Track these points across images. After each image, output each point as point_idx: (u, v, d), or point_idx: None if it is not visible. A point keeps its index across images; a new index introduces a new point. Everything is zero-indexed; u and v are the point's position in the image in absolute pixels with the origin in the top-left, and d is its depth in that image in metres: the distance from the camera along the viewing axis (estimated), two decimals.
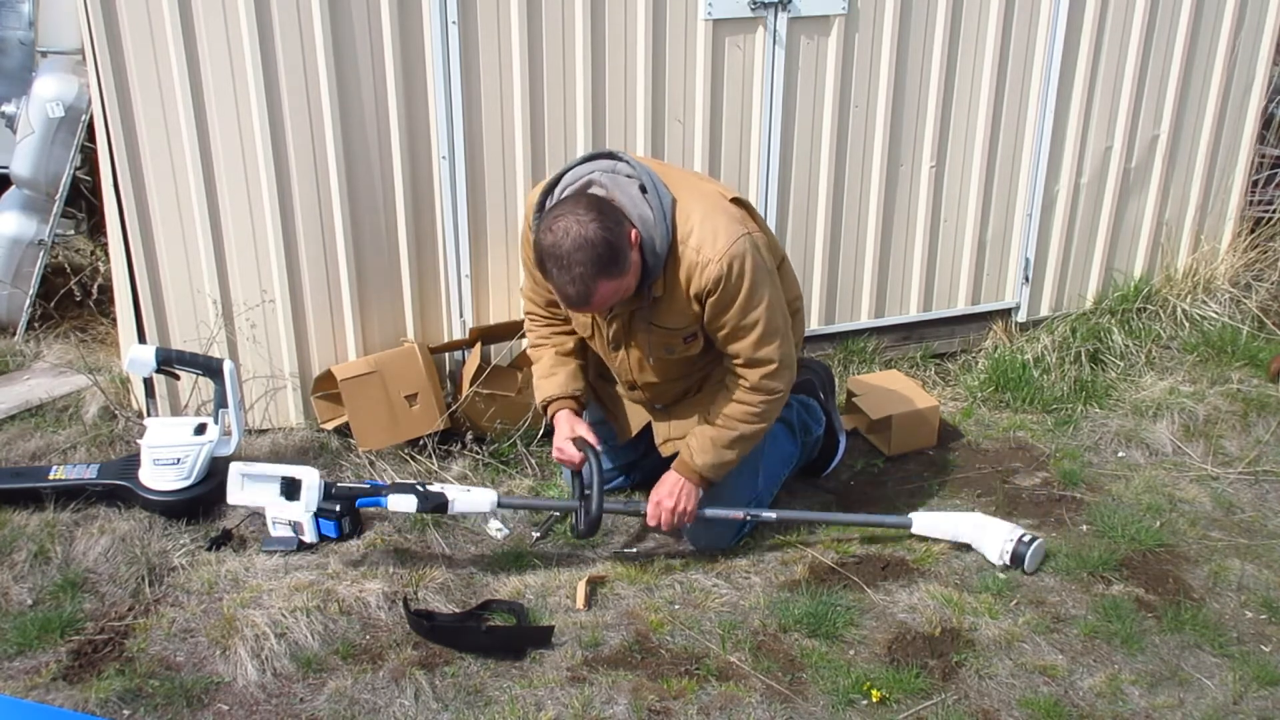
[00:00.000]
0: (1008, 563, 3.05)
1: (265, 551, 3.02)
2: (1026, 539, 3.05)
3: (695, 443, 2.94)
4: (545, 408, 3.09)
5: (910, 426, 3.65)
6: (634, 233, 2.66)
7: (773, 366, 2.84)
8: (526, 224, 2.90)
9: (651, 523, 3.00)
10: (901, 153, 3.87)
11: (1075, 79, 3.97)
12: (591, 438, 2.98)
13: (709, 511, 3.05)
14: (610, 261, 2.60)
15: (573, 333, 3.11)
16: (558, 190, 2.78)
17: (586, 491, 2.93)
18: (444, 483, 3.10)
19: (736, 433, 2.91)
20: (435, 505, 2.92)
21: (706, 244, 2.70)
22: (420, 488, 2.92)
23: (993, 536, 3.10)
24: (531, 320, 3.17)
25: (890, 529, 3.22)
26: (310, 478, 2.94)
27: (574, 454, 2.97)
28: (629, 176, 2.75)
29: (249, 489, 2.95)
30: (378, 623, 2.81)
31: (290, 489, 2.94)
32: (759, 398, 2.88)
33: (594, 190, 2.72)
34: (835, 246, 3.92)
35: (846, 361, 4.02)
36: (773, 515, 3.16)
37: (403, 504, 2.91)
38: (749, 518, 3.12)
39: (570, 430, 3.00)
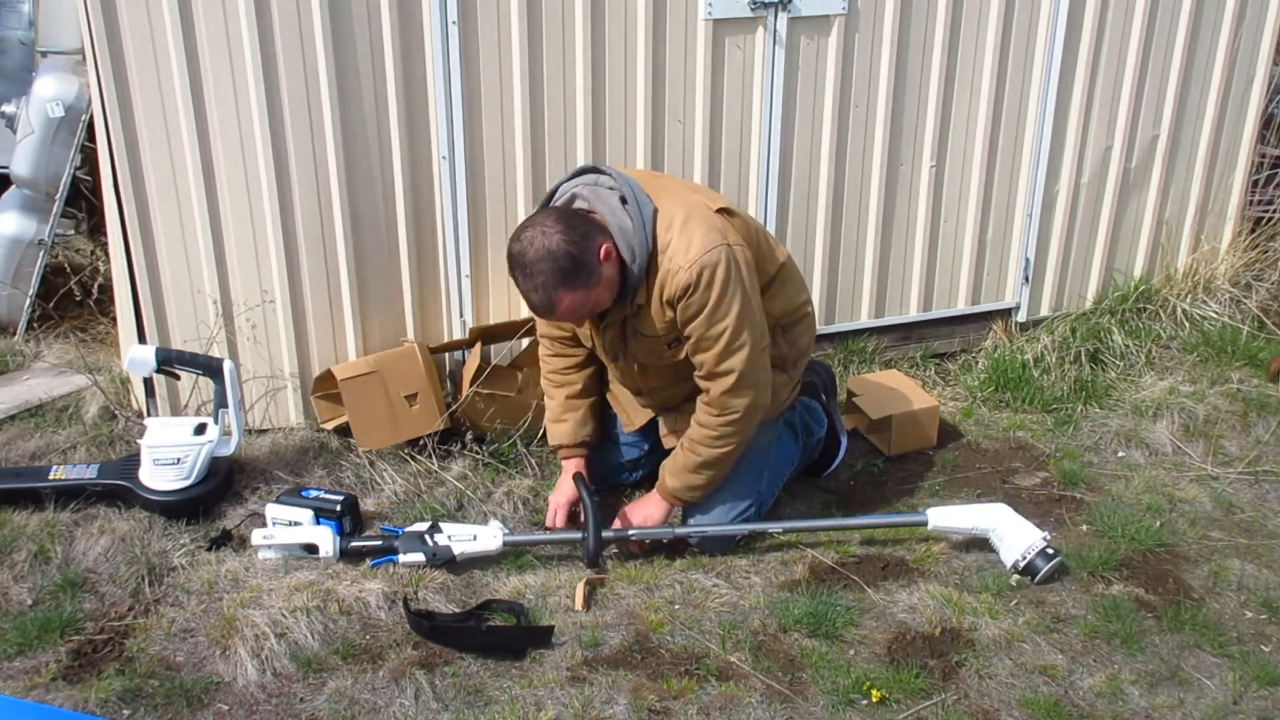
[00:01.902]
0: (1021, 569, 3.02)
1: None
2: (1049, 552, 3.00)
3: (669, 464, 3.00)
4: (554, 452, 3.23)
5: (910, 426, 3.65)
6: (605, 247, 2.70)
7: (731, 379, 2.83)
8: None
9: (635, 535, 3.05)
10: (901, 153, 3.87)
11: (1075, 79, 3.97)
12: (587, 494, 3.05)
13: (712, 530, 3.07)
14: (571, 273, 2.66)
15: (580, 366, 3.17)
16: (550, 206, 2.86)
17: (584, 533, 2.99)
18: (450, 521, 3.13)
19: (700, 458, 2.94)
20: (444, 560, 2.97)
21: (680, 252, 2.73)
22: (430, 540, 2.97)
23: (1016, 538, 3.04)
24: (544, 343, 3.23)
25: (904, 528, 3.20)
26: (326, 544, 2.98)
27: (560, 517, 3.11)
28: (610, 189, 2.80)
29: (273, 552, 3.01)
30: (378, 623, 2.81)
31: (309, 549, 3.00)
32: (717, 419, 2.89)
33: (577, 204, 2.79)
34: (835, 246, 3.92)
35: (846, 361, 4.03)
36: (779, 527, 3.16)
37: (413, 559, 2.96)
38: (751, 533, 3.13)
39: (569, 490, 3.12)
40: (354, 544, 3.01)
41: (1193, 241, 4.42)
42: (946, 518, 3.12)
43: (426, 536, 2.98)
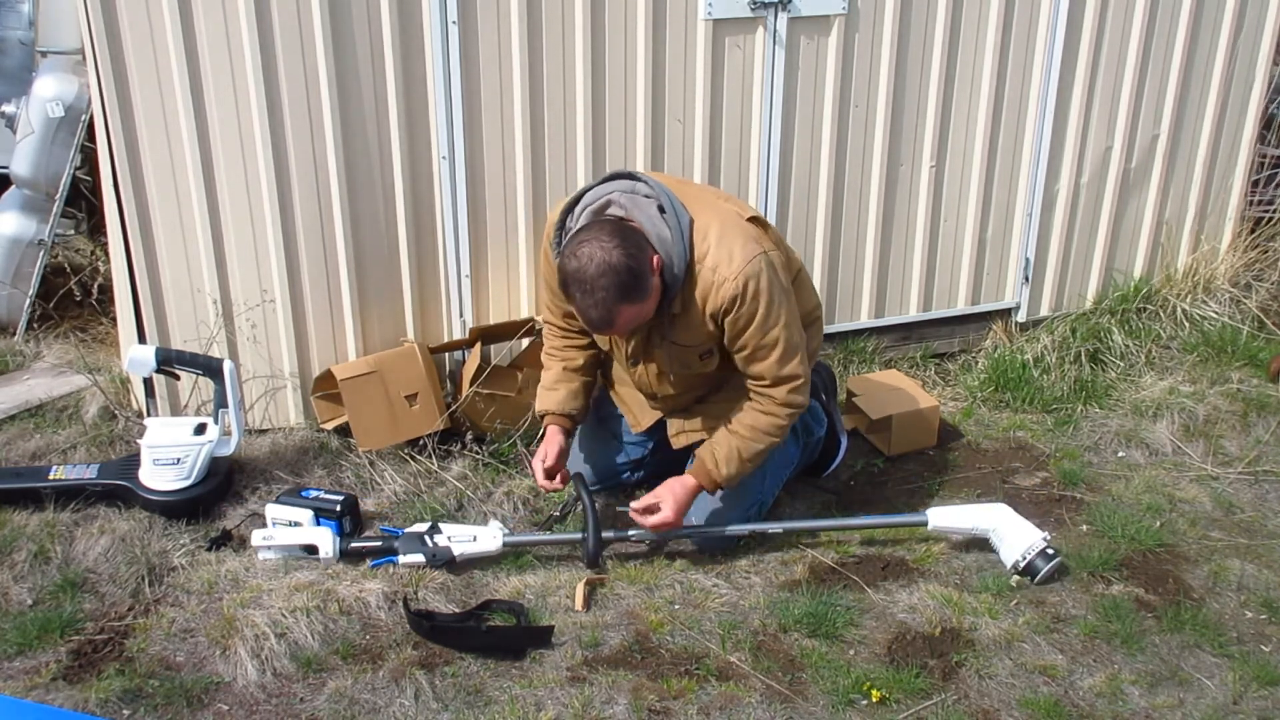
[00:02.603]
0: (1021, 569, 3.02)
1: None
2: (1049, 552, 3.00)
3: (721, 451, 2.92)
4: (541, 418, 3.18)
5: (910, 426, 3.65)
6: (656, 258, 2.70)
7: (799, 382, 2.87)
8: (547, 240, 2.95)
9: (651, 523, 2.95)
10: (901, 153, 3.87)
11: (1075, 79, 3.97)
12: (587, 494, 3.04)
13: (713, 530, 3.07)
14: (633, 287, 2.65)
15: (583, 347, 3.15)
16: (578, 210, 2.82)
17: (584, 533, 2.98)
18: (450, 521, 3.13)
19: (763, 445, 2.93)
20: (444, 561, 2.97)
21: (723, 263, 2.73)
22: (430, 541, 2.97)
23: (1016, 538, 3.04)
24: (548, 328, 3.21)
25: (904, 528, 3.20)
26: (326, 545, 2.98)
27: (547, 478, 3.06)
28: (648, 197, 2.78)
29: (273, 552, 3.01)
30: (378, 623, 2.81)
31: (309, 550, 3.00)
32: (786, 411, 2.91)
33: (613, 210, 2.76)
34: (835, 246, 3.92)
35: (846, 361, 4.02)
36: (779, 527, 3.16)
37: (413, 560, 2.96)
38: (753, 533, 3.14)
39: (555, 449, 3.07)
40: (354, 545, 3.01)
41: (1193, 241, 4.42)
42: (946, 518, 3.12)
43: (426, 537, 2.98)
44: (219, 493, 3.22)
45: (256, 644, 2.67)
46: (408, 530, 3.03)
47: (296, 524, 3.03)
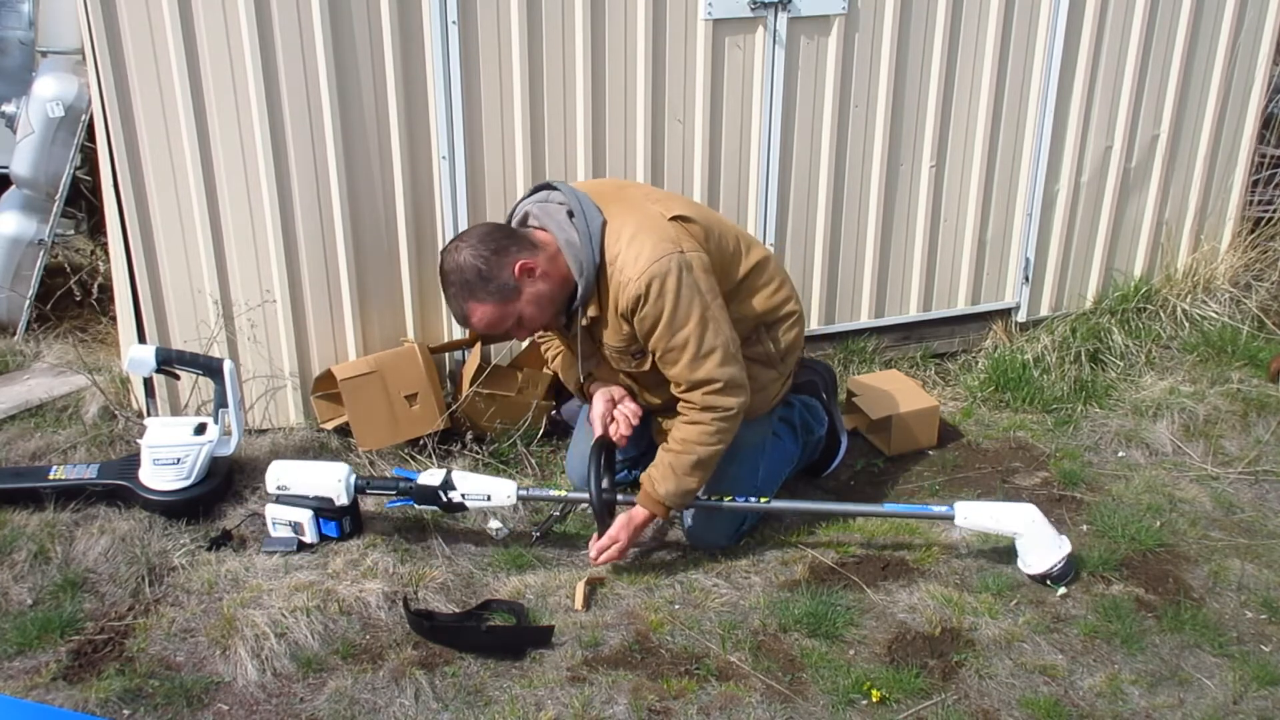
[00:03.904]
0: (1039, 575, 2.98)
1: (265, 552, 3.02)
2: (1073, 560, 2.99)
3: (656, 470, 2.92)
4: (582, 388, 3.16)
5: (910, 426, 3.65)
6: (521, 263, 2.73)
7: (716, 385, 2.82)
8: None
9: (605, 556, 2.94)
10: (901, 153, 3.87)
11: (1075, 79, 3.97)
12: (620, 420, 3.05)
13: (726, 505, 3.03)
14: (477, 286, 2.73)
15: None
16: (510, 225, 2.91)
17: (591, 491, 2.96)
18: (464, 471, 3.12)
19: (695, 456, 2.87)
20: (456, 508, 3.02)
21: (629, 264, 2.74)
22: (444, 496, 2.99)
23: (1043, 547, 2.99)
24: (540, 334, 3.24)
25: (927, 520, 3.18)
26: (339, 493, 3.01)
27: (601, 424, 3.04)
28: (560, 204, 2.83)
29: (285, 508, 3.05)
30: (378, 623, 2.81)
31: (322, 502, 3.03)
32: (710, 416, 2.85)
33: (530, 222, 2.86)
34: (835, 246, 3.92)
35: (846, 361, 4.03)
36: (810, 507, 3.17)
37: (427, 509, 3.02)
38: (763, 508, 3.09)
39: (607, 400, 3.06)
40: (371, 488, 3.06)
41: (1193, 241, 4.42)
42: (974, 512, 3.02)
43: (440, 493, 2.99)
44: (219, 493, 3.22)
45: (256, 644, 2.67)
46: (422, 481, 3.01)
47: (296, 524, 3.03)
